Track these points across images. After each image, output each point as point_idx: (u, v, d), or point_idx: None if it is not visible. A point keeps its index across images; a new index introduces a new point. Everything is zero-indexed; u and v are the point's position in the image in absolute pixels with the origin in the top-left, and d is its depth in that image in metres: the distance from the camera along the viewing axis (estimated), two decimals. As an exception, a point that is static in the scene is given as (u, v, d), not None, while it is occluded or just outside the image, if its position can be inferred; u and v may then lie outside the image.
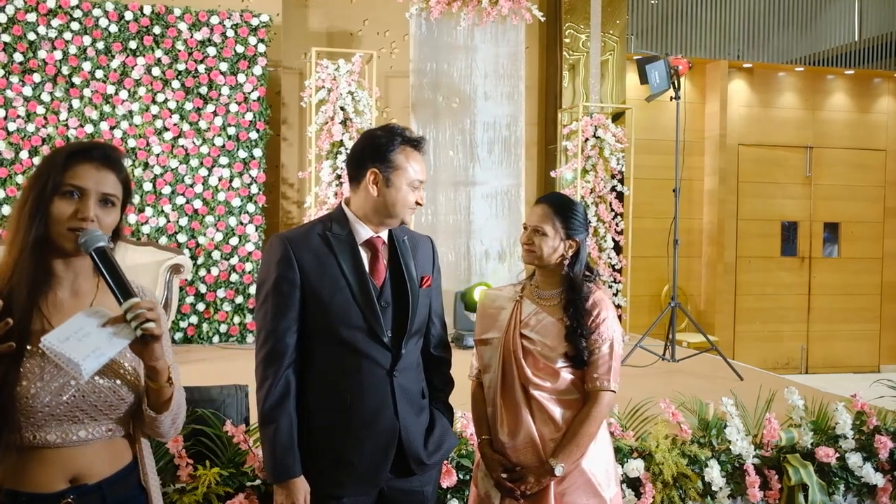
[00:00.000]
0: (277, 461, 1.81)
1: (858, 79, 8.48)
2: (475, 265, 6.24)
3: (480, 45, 6.21)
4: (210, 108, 5.58)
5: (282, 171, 6.23)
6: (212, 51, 5.58)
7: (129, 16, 5.43)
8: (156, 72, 5.49)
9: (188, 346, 5.43)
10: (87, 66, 5.37)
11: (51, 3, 5.30)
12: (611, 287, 6.24)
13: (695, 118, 8.00)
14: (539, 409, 2.06)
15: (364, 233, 1.90)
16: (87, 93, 5.39)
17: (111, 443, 1.45)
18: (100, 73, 5.40)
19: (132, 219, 5.44)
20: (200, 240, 5.59)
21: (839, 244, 8.48)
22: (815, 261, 8.38)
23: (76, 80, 5.37)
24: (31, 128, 5.29)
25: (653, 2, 7.76)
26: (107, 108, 5.43)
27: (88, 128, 5.38)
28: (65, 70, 5.35)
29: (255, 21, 5.68)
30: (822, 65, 8.47)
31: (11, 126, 5.25)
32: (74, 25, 5.35)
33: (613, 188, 6.34)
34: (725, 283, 7.99)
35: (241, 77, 5.64)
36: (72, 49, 5.35)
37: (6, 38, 5.26)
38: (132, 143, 5.45)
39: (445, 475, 2.63)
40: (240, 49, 5.64)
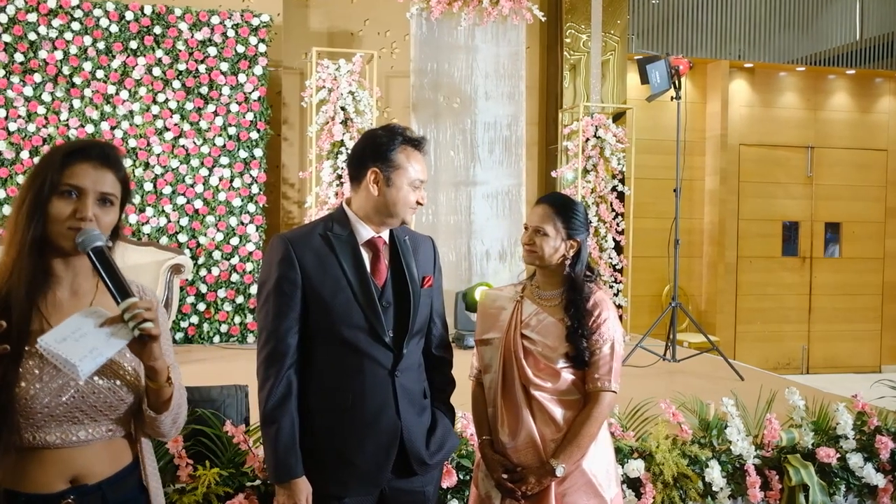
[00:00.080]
0: (279, 461, 1.81)
1: (859, 79, 8.47)
2: (476, 265, 6.24)
3: (481, 45, 6.20)
4: (211, 108, 5.58)
5: (282, 171, 6.23)
6: (212, 51, 5.58)
7: (130, 16, 5.43)
8: (156, 72, 5.49)
9: (189, 346, 5.43)
10: (88, 66, 5.37)
11: (51, 4, 5.30)
12: (611, 287, 6.24)
13: (696, 118, 8.00)
14: (540, 410, 2.06)
15: (365, 233, 1.90)
16: (88, 93, 5.39)
17: (111, 443, 1.44)
18: (100, 73, 5.40)
19: (133, 219, 5.45)
20: (201, 240, 5.59)
21: (840, 244, 8.47)
22: (817, 261, 8.37)
23: (77, 80, 5.37)
24: (32, 128, 5.29)
25: (654, 2, 7.76)
26: (107, 108, 5.43)
27: (89, 128, 5.38)
28: (65, 70, 5.35)
29: (256, 21, 5.68)
30: (824, 65, 8.46)
31: (12, 126, 5.25)
32: (75, 25, 5.35)
33: (614, 188, 6.34)
34: (726, 283, 7.98)
35: (242, 77, 5.64)
36: (72, 49, 5.35)
37: (7, 38, 5.26)
38: (133, 143, 5.45)
39: (445, 475, 2.62)
40: (240, 49, 5.64)
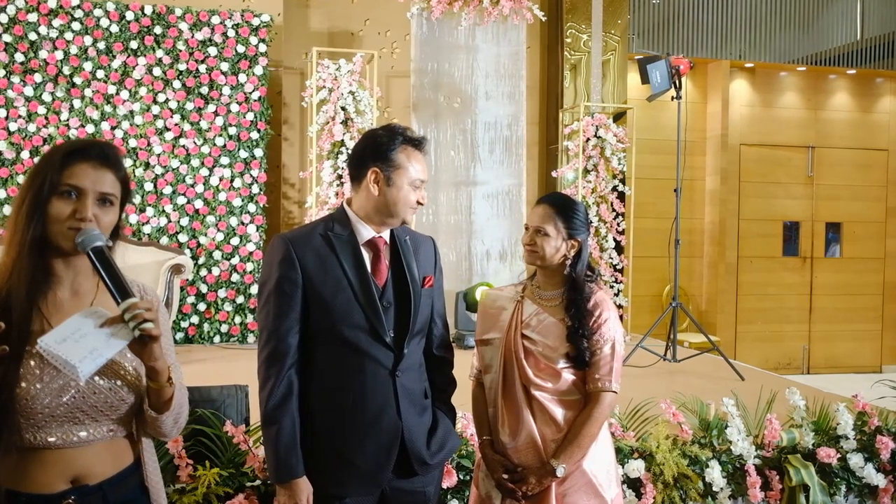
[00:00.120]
0: (280, 462, 1.81)
1: (860, 78, 8.46)
2: (476, 265, 6.24)
3: (481, 45, 6.20)
4: (211, 108, 5.58)
5: (283, 171, 6.23)
6: (213, 51, 5.58)
7: (130, 16, 5.43)
8: (157, 72, 5.49)
9: (189, 346, 5.43)
10: (89, 66, 5.37)
11: (52, 3, 5.30)
12: (612, 287, 6.23)
13: (696, 118, 8.00)
14: (540, 410, 2.05)
15: (366, 233, 1.90)
16: (89, 93, 5.39)
17: (113, 443, 1.44)
18: (101, 73, 5.40)
19: (133, 219, 5.45)
20: (201, 240, 5.59)
21: (841, 244, 8.46)
22: (817, 261, 8.37)
23: (77, 80, 5.37)
24: (33, 128, 5.29)
25: (654, 2, 7.75)
26: (108, 108, 5.43)
27: (89, 128, 5.38)
28: (66, 70, 5.35)
29: (256, 21, 5.67)
30: (824, 64, 8.46)
31: (13, 126, 5.26)
32: (75, 25, 5.35)
33: (615, 188, 6.34)
34: (727, 283, 7.98)
35: (242, 77, 5.64)
36: (73, 49, 5.35)
37: (7, 38, 5.26)
38: (133, 143, 5.45)
39: (446, 475, 2.62)
40: (241, 49, 5.64)
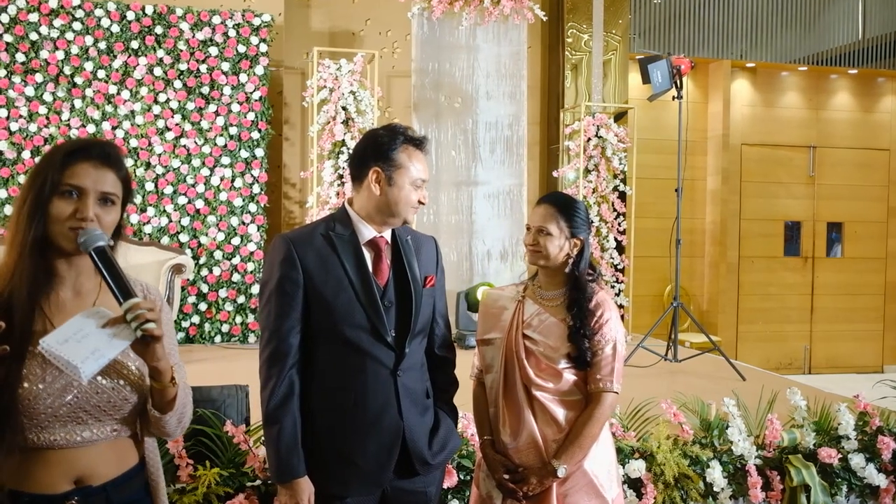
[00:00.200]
0: (282, 461, 1.80)
1: (862, 78, 8.45)
2: (477, 265, 6.23)
3: (482, 45, 6.20)
4: (212, 108, 5.58)
5: (284, 171, 6.23)
6: (213, 51, 5.58)
7: (131, 16, 5.43)
8: (158, 72, 5.49)
9: (190, 346, 5.43)
10: (89, 66, 5.38)
11: (53, 3, 5.30)
12: (613, 287, 6.23)
13: (698, 118, 7.99)
14: (541, 410, 2.05)
15: (367, 232, 1.89)
16: (89, 93, 5.39)
17: (116, 443, 1.44)
18: (102, 73, 5.40)
19: (134, 219, 5.45)
20: (202, 240, 5.59)
21: (843, 244, 8.45)
22: (819, 261, 8.36)
23: (78, 80, 5.37)
24: (34, 128, 5.29)
25: (655, 1, 7.75)
26: (109, 108, 5.43)
27: (90, 128, 5.38)
28: (67, 70, 5.35)
29: (257, 21, 5.67)
30: (826, 64, 8.45)
31: (14, 126, 5.26)
32: (76, 25, 5.36)
33: (616, 188, 6.34)
34: (728, 283, 7.97)
35: (243, 77, 5.64)
36: (74, 49, 5.35)
37: (8, 38, 5.26)
38: (134, 143, 5.45)
39: (446, 476, 2.62)
40: (241, 49, 5.64)
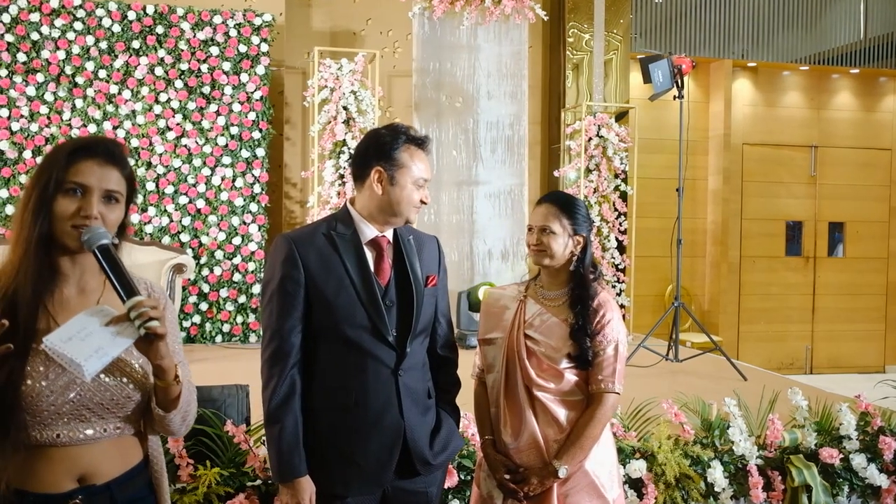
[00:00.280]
0: (283, 461, 1.80)
1: (864, 78, 8.44)
2: (478, 265, 6.23)
3: (483, 45, 6.20)
4: (213, 108, 5.58)
5: (285, 171, 6.23)
6: (214, 50, 5.58)
7: (132, 15, 5.43)
8: (159, 71, 5.49)
9: (191, 346, 5.43)
10: (91, 66, 5.38)
11: (54, 3, 5.30)
12: (614, 287, 6.22)
13: (699, 117, 7.98)
14: (543, 411, 2.05)
15: (369, 232, 1.89)
16: (91, 92, 5.39)
17: (120, 441, 1.44)
18: (103, 73, 5.41)
19: (135, 218, 5.44)
20: (203, 239, 5.59)
21: (844, 244, 8.44)
22: (820, 260, 8.35)
23: (79, 80, 5.37)
24: (35, 127, 5.29)
25: (657, 1, 7.74)
26: (110, 108, 5.43)
27: (91, 127, 5.38)
28: (68, 70, 5.35)
29: (258, 20, 5.67)
30: (827, 64, 8.44)
31: (15, 126, 5.26)
32: (77, 25, 5.36)
33: (617, 188, 6.33)
34: (729, 283, 7.97)
35: (244, 76, 5.63)
36: (75, 49, 5.35)
37: (10, 38, 5.26)
38: (135, 143, 5.45)
39: (447, 475, 2.61)
40: (243, 49, 5.64)
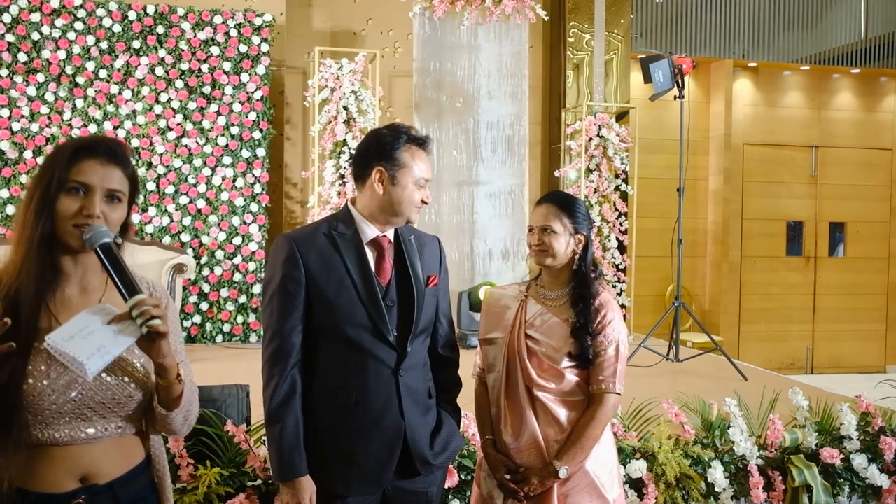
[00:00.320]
0: (283, 460, 1.80)
1: (864, 78, 8.44)
2: (479, 265, 6.23)
3: (484, 45, 6.19)
4: (213, 108, 5.58)
5: (285, 171, 6.23)
6: (215, 50, 5.58)
7: (133, 15, 5.43)
8: (159, 71, 5.50)
9: (191, 346, 5.42)
10: (91, 66, 5.38)
11: (55, 3, 5.30)
12: (615, 287, 6.22)
13: (700, 117, 7.98)
14: (543, 411, 2.05)
15: (370, 232, 1.89)
16: (91, 92, 5.39)
17: (122, 440, 1.44)
18: (103, 73, 5.41)
19: (136, 218, 5.41)
20: (204, 239, 5.59)
21: (845, 244, 8.44)
22: (821, 260, 8.35)
23: (80, 80, 5.38)
24: (35, 127, 5.30)
25: (657, 1, 7.74)
26: (110, 108, 5.43)
27: (92, 127, 5.38)
28: (68, 70, 5.35)
29: (259, 20, 5.67)
30: (828, 64, 8.43)
31: (15, 126, 5.26)
32: (78, 25, 5.36)
33: (617, 188, 6.33)
34: (730, 283, 7.96)
35: (245, 76, 5.63)
36: (75, 49, 5.35)
37: (10, 38, 5.26)
38: (135, 143, 5.45)
39: (447, 476, 2.61)
40: (243, 48, 5.64)
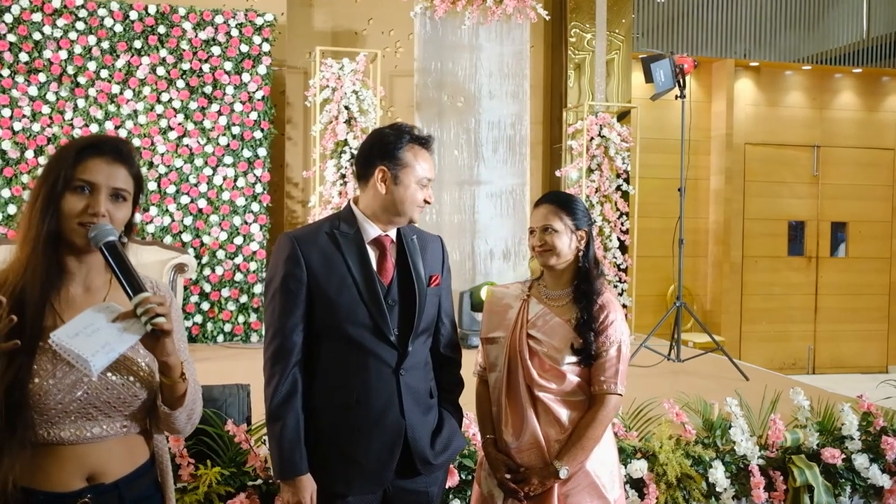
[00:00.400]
0: (284, 459, 1.81)
1: (866, 77, 8.42)
2: (480, 265, 6.22)
3: (485, 44, 6.19)
4: (215, 108, 5.58)
5: (286, 171, 6.23)
6: (216, 50, 5.58)
7: (134, 15, 5.44)
8: (160, 71, 5.50)
9: (192, 346, 5.42)
10: (92, 66, 5.38)
11: (56, 3, 5.31)
12: (616, 287, 6.22)
13: (701, 117, 7.97)
14: (544, 411, 2.05)
15: (372, 231, 1.89)
16: (92, 92, 5.40)
17: (127, 439, 1.44)
18: (105, 73, 5.41)
19: (137, 218, 5.42)
20: (205, 239, 5.59)
21: (847, 244, 8.43)
22: (823, 260, 8.34)
23: (81, 80, 5.38)
24: (37, 127, 5.30)
25: (659, 0, 7.73)
26: (112, 108, 5.44)
27: (93, 127, 5.39)
28: (70, 69, 5.36)
29: (260, 20, 5.68)
30: (830, 63, 8.42)
31: (17, 125, 5.27)
32: (79, 25, 5.36)
33: (619, 187, 6.33)
34: (731, 283, 7.95)
35: (246, 76, 5.64)
36: (77, 49, 5.36)
37: (12, 38, 5.27)
38: (137, 143, 5.45)
39: (448, 475, 2.61)
40: (244, 48, 5.64)
